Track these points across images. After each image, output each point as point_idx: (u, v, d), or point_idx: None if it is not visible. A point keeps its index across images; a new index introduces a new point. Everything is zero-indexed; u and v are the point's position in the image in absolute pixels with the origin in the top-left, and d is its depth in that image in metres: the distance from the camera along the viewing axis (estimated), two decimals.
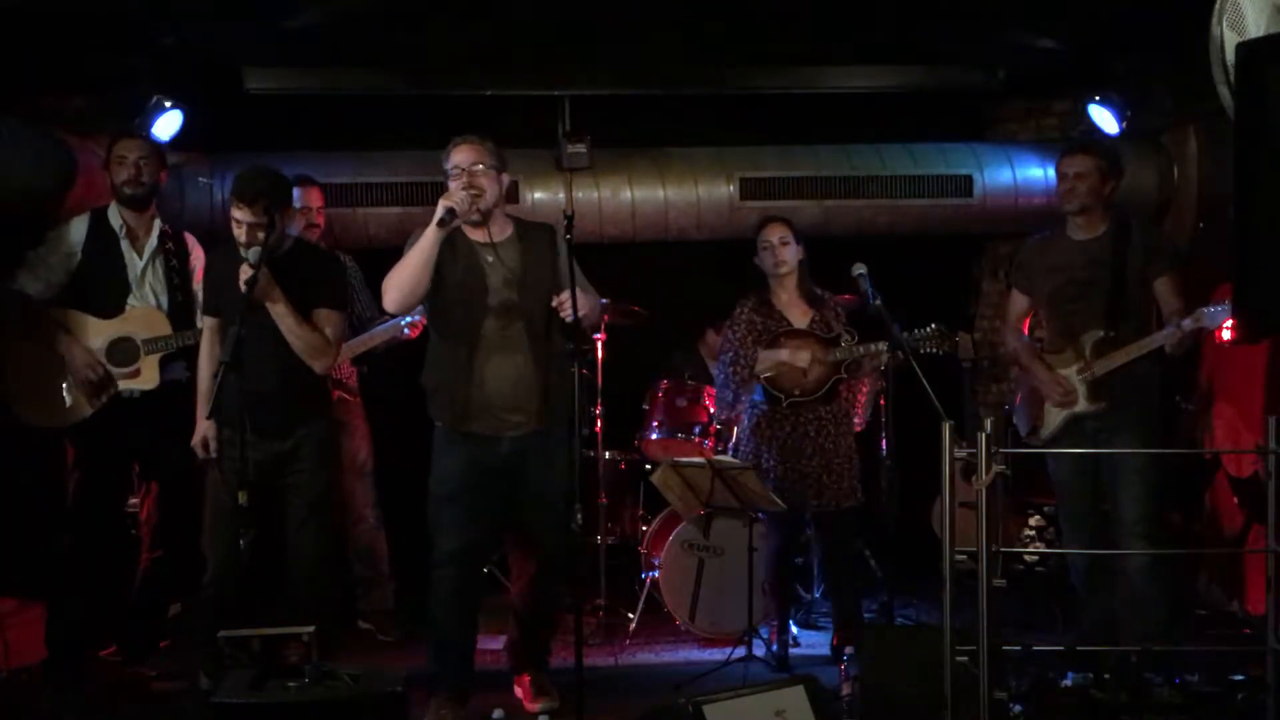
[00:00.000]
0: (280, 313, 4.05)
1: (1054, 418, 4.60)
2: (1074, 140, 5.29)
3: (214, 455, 4.14)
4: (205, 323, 4.30)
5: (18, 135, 4.73)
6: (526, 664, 4.33)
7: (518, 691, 4.32)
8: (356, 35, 5.34)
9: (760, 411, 4.86)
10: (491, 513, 4.12)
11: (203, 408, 4.17)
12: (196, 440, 4.18)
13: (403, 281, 3.95)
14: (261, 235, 4.03)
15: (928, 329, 4.71)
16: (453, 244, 3.98)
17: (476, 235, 4.04)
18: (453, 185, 3.99)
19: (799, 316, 4.86)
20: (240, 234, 4.06)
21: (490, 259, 4.03)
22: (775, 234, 4.84)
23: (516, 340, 4.01)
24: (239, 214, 4.06)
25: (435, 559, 4.10)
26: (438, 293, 4.01)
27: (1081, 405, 4.52)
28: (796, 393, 4.75)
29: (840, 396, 4.87)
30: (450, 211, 3.88)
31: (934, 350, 4.69)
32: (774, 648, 4.88)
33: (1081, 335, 4.53)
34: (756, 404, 4.87)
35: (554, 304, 3.95)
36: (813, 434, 4.77)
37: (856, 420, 4.93)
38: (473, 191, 3.93)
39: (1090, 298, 4.54)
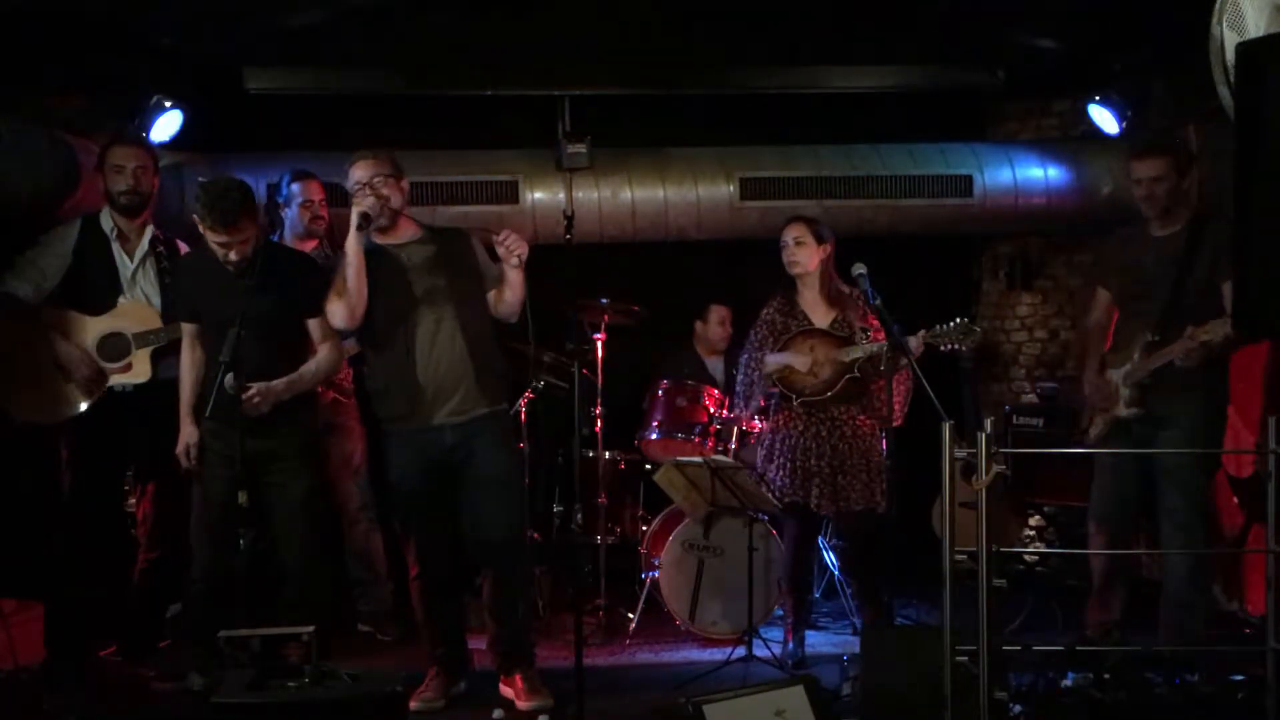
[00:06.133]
0: (291, 392, 4.12)
1: (1100, 420, 4.58)
2: (1144, 140, 4.88)
3: (195, 464, 4.14)
4: (184, 329, 4.25)
5: (23, 137, 4.71)
6: (514, 663, 4.29)
7: (509, 692, 4.29)
8: (356, 35, 5.34)
9: (776, 407, 4.87)
10: (452, 502, 4.23)
11: (186, 416, 4.17)
12: (181, 449, 4.17)
13: (343, 294, 4.10)
14: (250, 251, 4.03)
15: (951, 324, 4.55)
16: (368, 254, 4.13)
17: (388, 239, 4.20)
18: (357, 199, 4.14)
19: (821, 316, 4.81)
20: (230, 255, 4.02)
21: (406, 257, 4.19)
22: (790, 233, 4.81)
23: (450, 325, 4.14)
24: (223, 238, 3.99)
25: (415, 554, 4.26)
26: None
27: (1121, 410, 4.47)
28: (806, 392, 4.72)
29: (866, 396, 4.77)
30: (364, 216, 4.06)
31: (958, 346, 4.56)
32: (790, 646, 4.85)
33: (1137, 337, 4.43)
34: (775, 397, 4.87)
35: (497, 239, 4.10)
36: (824, 434, 4.73)
37: (894, 416, 4.80)
38: (380, 199, 4.11)
39: (1152, 298, 4.43)
